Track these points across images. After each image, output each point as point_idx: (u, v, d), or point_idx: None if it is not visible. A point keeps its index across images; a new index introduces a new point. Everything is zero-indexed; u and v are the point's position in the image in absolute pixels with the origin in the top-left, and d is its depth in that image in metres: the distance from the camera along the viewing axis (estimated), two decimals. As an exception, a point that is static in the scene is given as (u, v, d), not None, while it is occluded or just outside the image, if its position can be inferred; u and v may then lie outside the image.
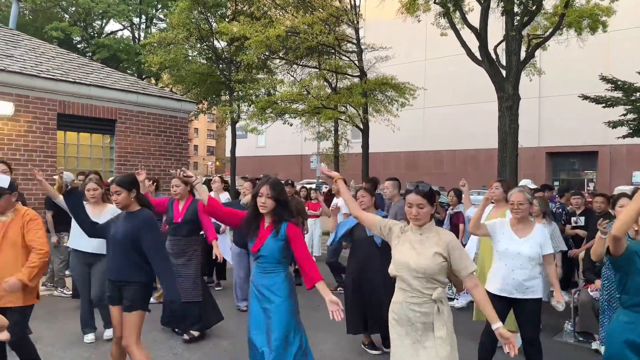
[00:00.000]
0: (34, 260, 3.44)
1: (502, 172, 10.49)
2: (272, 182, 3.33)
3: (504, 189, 4.96)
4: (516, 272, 3.93)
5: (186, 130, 10.79)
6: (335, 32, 15.41)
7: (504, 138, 10.61)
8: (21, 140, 8.04)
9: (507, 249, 3.99)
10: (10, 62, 8.35)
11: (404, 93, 16.18)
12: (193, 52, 20.34)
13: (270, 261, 3.29)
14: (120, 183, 3.54)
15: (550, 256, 3.96)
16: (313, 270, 3.18)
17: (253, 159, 40.42)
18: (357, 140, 19.13)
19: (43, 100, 8.34)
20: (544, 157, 28.93)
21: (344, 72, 16.96)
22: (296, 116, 17.51)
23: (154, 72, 24.15)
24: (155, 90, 10.85)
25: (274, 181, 3.35)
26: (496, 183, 5.17)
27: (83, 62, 10.53)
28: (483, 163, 28.97)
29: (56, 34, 24.12)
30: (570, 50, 15.26)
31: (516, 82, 10.60)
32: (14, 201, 3.62)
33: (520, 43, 10.75)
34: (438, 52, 28.89)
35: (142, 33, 29.79)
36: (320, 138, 20.95)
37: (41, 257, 3.46)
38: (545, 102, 28.10)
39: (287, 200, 3.33)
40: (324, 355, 4.87)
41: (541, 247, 3.94)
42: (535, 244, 3.94)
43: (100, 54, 25.61)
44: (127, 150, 9.52)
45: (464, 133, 29.88)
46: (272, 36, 14.09)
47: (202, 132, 72.57)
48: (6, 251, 3.52)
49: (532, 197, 4.16)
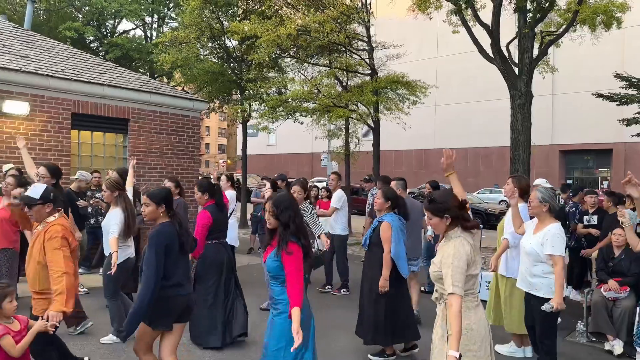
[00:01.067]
0: (55, 288, 3.26)
1: (515, 171, 10.42)
2: (276, 199, 3.27)
3: (516, 185, 4.97)
4: (523, 266, 4.22)
5: (198, 129, 10.86)
6: (346, 30, 15.37)
7: (516, 136, 10.53)
8: (36, 140, 8.16)
9: (522, 242, 4.28)
10: (25, 62, 8.48)
11: (415, 91, 16.11)
12: (204, 51, 20.42)
13: (272, 275, 3.25)
14: (151, 196, 3.51)
15: (555, 257, 3.90)
16: (294, 295, 3.08)
17: (264, 157, 40.54)
18: (367, 138, 19.09)
19: (57, 100, 8.45)
20: (557, 155, 28.66)
21: (355, 70, 16.94)
22: (307, 115, 17.53)
23: (166, 71, 24.30)
24: (168, 90, 10.94)
25: (278, 198, 3.28)
26: (508, 179, 5.20)
27: (96, 61, 10.64)
28: (495, 161, 28.77)
29: (70, 34, 24.36)
30: (583, 47, 15.09)
31: (529, 80, 10.50)
32: (48, 212, 3.50)
33: (533, 40, 10.65)
34: (449, 49, 28.73)
35: (154, 32, 30.00)
36: (331, 136, 20.94)
37: (58, 282, 3.26)
38: (559, 100, 27.81)
39: (289, 220, 3.19)
40: (335, 354, 4.90)
41: (542, 245, 3.98)
42: (537, 242, 4.02)
43: (113, 54, 25.82)
44: (140, 149, 9.61)
45: (475, 131, 29.68)
46: (283, 35, 14.11)
47: (214, 131, 72.93)
48: (32, 264, 3.47)
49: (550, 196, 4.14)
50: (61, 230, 3.44)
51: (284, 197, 3.34)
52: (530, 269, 4.05)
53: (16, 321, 3.14)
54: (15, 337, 3.04)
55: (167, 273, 3.39)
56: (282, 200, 3.27)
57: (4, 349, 3.00)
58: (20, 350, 3.01)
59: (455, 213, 2.87)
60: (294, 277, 3.11)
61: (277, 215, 3.20)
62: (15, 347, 3.00)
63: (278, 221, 3.20)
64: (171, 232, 3.47)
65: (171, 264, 3.42)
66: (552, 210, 4.08)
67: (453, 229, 2.90)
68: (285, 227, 3.18)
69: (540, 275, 4.02)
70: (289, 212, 3.21)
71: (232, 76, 19.32)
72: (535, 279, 4.04)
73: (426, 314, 6.20)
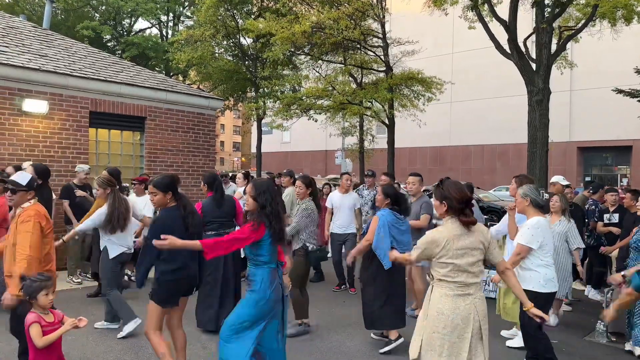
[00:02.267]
0: (14, 269, 3.42)
1: (532, 168, 10.30)
2: (255, 182, 3.56)
3: (518, 184, 5.00)
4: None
5: (213, 126, 10.92)
6: (360, 27, 15.31)
7: (533, 133, 10.40)
8: (55, 138, 8.28)
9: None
10: (44, 61, 8.60)
11: (431, 87, 16.00)
12: (220, 49, 20.54)
13: (248, 257, 3.52)
14: (157, 185, 3.73)
15: (518, 246, 4.22)
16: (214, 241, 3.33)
17: (278, 154, 40.63)
18: (382, 135, 19.02)
19: (76, 98, 8.56)
20: (575, 152, 28.23)
21: (370, 67, 16.88)
22: (321, 112, 17.52)
23: (182, 69, 24.49)
24: (184, 88, 11.01)
25: (257, 182, 3.57)
26: (512, 179, 5.24)
27: (113, 60, 10.75)
28: (512, 158, 28.45)
29: (87, 33, 24.68)
30: (603, 42, 14.82)
31: (546, 76, 10.35)
32: (29, 199, 3.69)
33: (551, 35, 10.49)
34: (465, 45, 28.45)
35: (169, 31, 30.24)
36: (345, 134, 20.92)
37: (19, 266, 3.41)
38: (577, 96, 27.37)
39: (265, 202, 3.43)
40: (350, 351, 4.89)
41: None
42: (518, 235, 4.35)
43: (129, 52, 26.09)
44: (156, 147, 9.69)
45: (492, 127, 29.36)
46: (297, 32, 14.11)
47: (228, 129, 73.29)
48: (8, 249, 3.64)
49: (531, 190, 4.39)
50: (34, 214, 3.59)
51: (264, 181, 3.63)
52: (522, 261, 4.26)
53: (51, 314, 3.19)
54: (46, 328, 3.09)
55: (171, 256, 3.62)
56: (262, 183, 3.55)
57: (31, 336, 3.05)
58: (45, 342, 3.04)
59: (452, 204, 3.05)
60: (233, 236, 3.37)
61: (256, 196, 3.45)
62: (41, 338, 3.04)
63: (256, 202, 3.44)
64: (173, 216, 3.71)
65: None
66: (536, 205, 4.29)
67: (447, 217, 3.12)
68: (262, 208, 3.42)
69: (526, 267, 4.22)
70: (267, 195, 3.45)
71: (247, 74, 19.39)
72: (520, 271, 4.21)
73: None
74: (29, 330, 3.07)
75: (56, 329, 3.11)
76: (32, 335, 3.05)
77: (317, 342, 5.11)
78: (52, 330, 3.09)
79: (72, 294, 6.69)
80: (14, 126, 7.84)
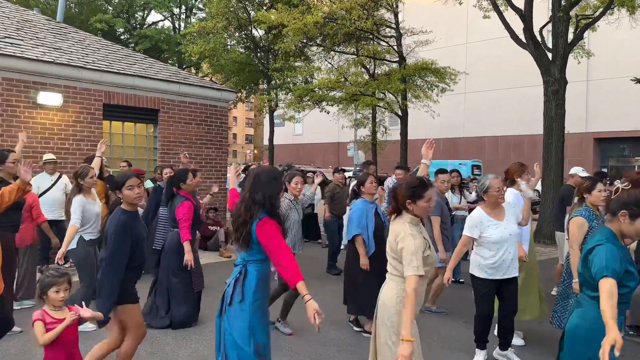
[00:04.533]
0: None
1: (548, 159, 10.15)
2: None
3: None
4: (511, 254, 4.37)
5: (226, 118, 10.93)
6: (373, 17, 15.17)
7: (549, 124, 10.24)
8: (70, 130, 8.35)
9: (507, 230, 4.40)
10: (58, 54, 8.65)
11: (445, 78, 15.84)
12: (232, 41, 20.53)
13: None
14: None
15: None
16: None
17: (290, 146, 40.62)
18: (395, 127, 18.90)
19: (89, 91, 8.61)
20: (591, 143, 27.78)
21: (383, 57, 16.75)
22: (333, 104, 17.45)
23: (194, 61, 24.54)
24: (196, 80, 11.02)
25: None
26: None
27: (126, 53, 10.79)
28: (527, 150, 28.10)
29: (100, 26, 24.82)
30: (621, 31, 14.51)
31: (563, 66, 10.18)
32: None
33: (567, 24, 10.29)
34: (480, 35, 28.05)
35: (182, 23, 30.28)
36: (358, 125, 20.83)
37: None
38: (594, 86, 26.89)
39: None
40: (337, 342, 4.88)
41: None
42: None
43: (142, 45, 26.20)
44: (169, 139, 9.73)
45: (506, 118, 28.98)
46: (309, 23, 14.02)
47: (241, 121, 73.45)
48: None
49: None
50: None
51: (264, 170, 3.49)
52: None
53: (65, 309, 3.07)
54: (53, 324, 2.98)
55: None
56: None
57: (35, 334, 2.99)
58: (47, 339, 2.94)
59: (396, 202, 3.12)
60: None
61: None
62: (43, 335, 2.95)
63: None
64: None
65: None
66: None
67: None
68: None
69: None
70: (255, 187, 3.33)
71: (259, 66, 19.35)
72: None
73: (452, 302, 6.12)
74: (33, 327, 2.97)
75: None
76: (35, 333, 2.97)
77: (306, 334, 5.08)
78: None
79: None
80: (29, 119, 7.92)
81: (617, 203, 2.63)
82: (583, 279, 2.65)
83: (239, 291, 3.00)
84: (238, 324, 2.98)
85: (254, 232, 2.97)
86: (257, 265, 3.07)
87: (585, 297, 2.63)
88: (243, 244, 3.02)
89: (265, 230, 2.95)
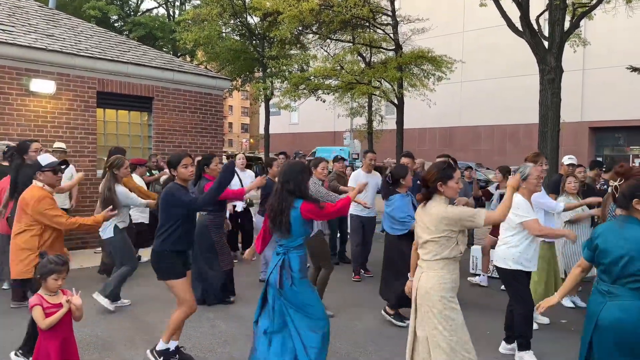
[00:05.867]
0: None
1: (543, 148, 10.16)
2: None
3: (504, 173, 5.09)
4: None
5: (221, 107, 10.86)
6: (369, 4, 15.04)
7: (545, 113, 10.22)
8: (63, 118, 8.28)
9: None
10: (51, 41, 8.55)
11: (441, 66, 15.75)
12: (227, 28, 20.36)
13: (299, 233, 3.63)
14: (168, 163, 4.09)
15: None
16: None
17: (286, 135, 40.53)
18: (391, 116, 18.85)
19: (83, 78, 8.53)
20: (587, 132, 27.85)
21: (379, 45, 16.63)
22: (329, 92, 17.36)
23: (189, 49, 24.35)
24: (191, 68, 10.94)
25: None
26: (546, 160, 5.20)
27: (120, 40, 10.68)
28: (522, 139, 28.13)
29: (94, 13, 24.56)
30: (617, 20, 14.47)
31: (559, 54, 10.13)
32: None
33: (564, 12, 10.23)
34: (476, 23, 27.96)
35: (176, 10, 29.99)
36: (354, 114, 20.76)
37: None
38: (590, 75, 26.89)
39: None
40: (359, 331, 4.91)
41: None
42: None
43: (136, 32, 25.96)
44: (164, 127, 9.68)
45: (502, 107, 28.99)
46: (305, 10, 13.90)
47: (236, 110, 73.13)
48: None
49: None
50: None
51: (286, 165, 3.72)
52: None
53: (60, 294, 3.17)
54: (50, 309, 3.07)
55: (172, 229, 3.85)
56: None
57: (35, 319, 3.06)
58: (48, 324, 3.03)
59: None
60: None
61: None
62: (43, 320, 3.04)
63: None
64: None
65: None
66: None
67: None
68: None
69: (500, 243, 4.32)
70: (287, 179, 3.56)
71: (254, 54, 19.24)
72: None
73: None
74: (32, 312, 3.06)
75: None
76: (35, 317, 3.05)
77: None
78: (56, 311, 3.08)
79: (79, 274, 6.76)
80: (22, 106, 7.84)
81: (625, 196, 2.65)
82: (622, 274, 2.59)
83: (288, 276, 3.37)
84: (299, 298, 3.38)
85: (298, 219, 3.37)
86: (297, 251, 3.46)
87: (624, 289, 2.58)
88: (285, 231, 3.39)
89: (309, 209, 3.38)
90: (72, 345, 3.22)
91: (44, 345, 3.06)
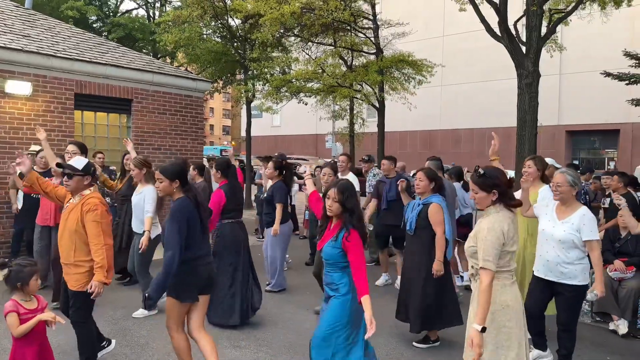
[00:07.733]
0: (97, 260, 3.49)
1: (521, 151, 10.33)
2: (341, 185, 3.24)
3: (538, 167, 4.88)
4: (550, 254, 3.92)
5: (202, 109, 10.79)
6: (351, 8, 15.11)
7: (523, 116, 10.40)
8: (39, 120, 8.13)
9: (544, 230, 4.00)
10: (27, 42, 8.40)
11: (421, 70, 15.90)
12: (207, 30, 20.20)
13: (331, 262, 3.26)
14: (163, 171, 3.51)
15: (592, 242, 3.78)
16: (362, 283, 3.06)
17: (268, 138, 40.44)
18: (372, 119, 18.95)
19: (60, 80, 8.39)
20: (563, 135, 28.42)
21: (360, 49, 16.72)
22: (311, 95, 17.38)
23: (169, 51, 24.11)
24: (171, 70, 10.85)
25: (343, 185, 3.24)
26: (529, 162, 4.99)
27: (98, 41, 10.54)
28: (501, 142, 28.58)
29: (72, 13, 24.15)
30: (593, 26, 14.81)
31: (536, 59, 10.33)
32: (86, 184, 3.67)
33: (541, 18, 10.43)
34: (456, 28, 28.32)
35: (156, 12, 29.68)
36: (336, 117, 20.80)
37: (100, 255, 3.48)
38: (566, 79, 27.46)
39: (354, 205, 3.22)
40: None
41: (579, 231, 3.80)
42: (571, 228, 3.84)
43: (115, 33, 25.61)
44: (143, 129, 9.57)
45: (481, 111, 29.41)
46: (286, 13, 13.89)
47: (218, 112, 72.67)
48: (66, 236, 3.58)
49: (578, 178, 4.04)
50: (99, 203, 3.62)
51: (348, 183, 3.30)
52: (563, 257, 3.86)
53: (35, 300, 3.09)
54: (26, 315, 2.98)
55: (190, 245, 3.43)
56: (348, 186, 3.25)
57: (8, 326, 2.97)
58: (21, 332, 2.93)
59: (504, 190, 2.94)
60: (360, 264, 3.10)
61: (343, 201, 3.19)
62: (17, 327, 2.93)
63: (343, 207, 3.20)
64: (190, 206, 3.49)
65: (193, 237, 3.46)
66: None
67: (495, 206, 2.96)
68: (351, 214, 3.20)
69: (574, 262, 3.86)
70: (354, 199, 3.23)
71: (236, 56, 19.13)
72: (568, 267, 3.85)
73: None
74: (6, 319, 2.96)
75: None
76: (8, 324, 2.96)
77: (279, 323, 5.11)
78: (33, 316, 2.99)
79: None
80: (-4, 108, 7.68)
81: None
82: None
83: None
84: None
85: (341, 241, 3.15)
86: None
87: None
88: None
89: (354, 244, 3.12)
90: (47, 351, 3.16)
91: (20, 353, 2.99)
